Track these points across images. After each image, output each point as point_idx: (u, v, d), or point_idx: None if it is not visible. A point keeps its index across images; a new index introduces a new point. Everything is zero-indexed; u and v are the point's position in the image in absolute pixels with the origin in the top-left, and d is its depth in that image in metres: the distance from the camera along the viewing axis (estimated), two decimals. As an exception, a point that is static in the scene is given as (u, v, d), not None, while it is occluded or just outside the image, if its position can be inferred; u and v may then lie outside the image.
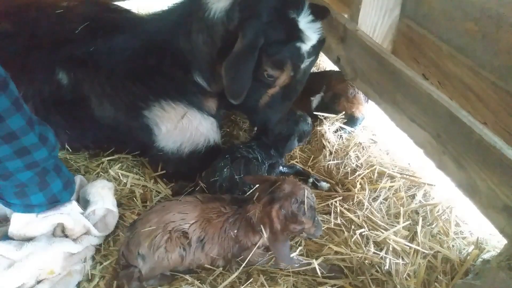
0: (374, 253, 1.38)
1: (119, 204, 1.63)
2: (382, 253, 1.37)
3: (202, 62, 1.58)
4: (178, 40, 1.57)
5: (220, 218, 1.34)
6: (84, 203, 1.56)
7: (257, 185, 1.39)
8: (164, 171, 1.78)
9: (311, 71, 1.70)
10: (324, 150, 1.86)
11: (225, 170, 1.57)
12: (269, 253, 1.38)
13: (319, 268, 1.33)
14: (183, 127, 1.63)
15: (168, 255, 1.28)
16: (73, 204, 1.45)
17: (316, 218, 1.34)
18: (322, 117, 1.99)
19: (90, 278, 1.41)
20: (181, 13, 1.60)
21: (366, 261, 1.36)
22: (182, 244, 1.30)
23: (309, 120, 1.84)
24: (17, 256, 1.30)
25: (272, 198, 1.29)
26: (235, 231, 1.33)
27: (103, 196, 1.54)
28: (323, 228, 1.48)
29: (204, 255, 1.33)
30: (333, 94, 2.07)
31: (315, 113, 2.00)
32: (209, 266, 1.37)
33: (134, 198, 1.68)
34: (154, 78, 1.60)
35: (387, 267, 1.33)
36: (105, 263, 1.45)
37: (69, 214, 1.42)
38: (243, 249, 1.35)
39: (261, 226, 1.29)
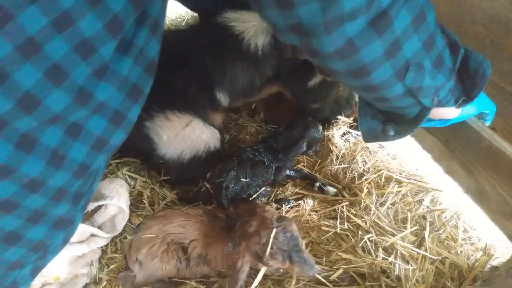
0: (383, 258, 1.37)
1: (127, 207, 1.63)
2: (391, 259, 1.36)
3: (235, 85, 1.63)
4: (204, 61, 1.58)
5: (219, 242, 1.33)
6: (96, 195, 1.56)
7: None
8: (168, 177, 1.79)
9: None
10: (331, 154, 1.86)
11: (231, 172, 1.58)
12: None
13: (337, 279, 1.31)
14: (184, 134, 1.63)
15: (163, 265, 1.29)
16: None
17: (296, 258, 1.20)
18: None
19: (97, 281, 1.42)
20: (207, 36, 1.61)
21: (376, 267, 1.35)
22: (179, 257, 1.30)
23: (320, 127, 1.84)
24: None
25: (241, 234, 1.25)
26: (237, 256, 1.29)
27: (120, 194, 1.55)
28: (330, 234, 1.48)
29: (209, 268, 1.33)
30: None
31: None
32: (216, 279, 1.36)
33: (142, 201, 1.69)
34: (163, 90, 1.61)
35: (396, 272, 1.33)
36: (112, 266, 1.46)
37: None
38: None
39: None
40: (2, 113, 0.58)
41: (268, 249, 1.18)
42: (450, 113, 0.99)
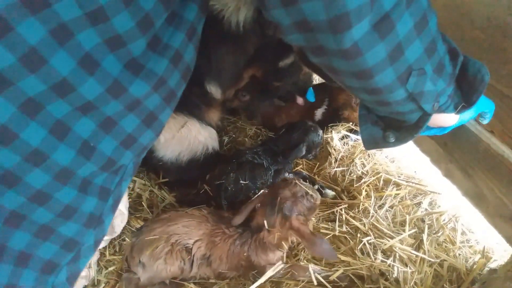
0: (381, 261, 1.37)
1: (125, 209, 1.63)
2: (390, 261, 1.36)
3: (223, 72, 1.57)
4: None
5: (226, 241, 1.34)
6: None
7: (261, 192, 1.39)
8: (166, 179, 1.79)
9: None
10: (329, 157, 1.87)
11: (231, 174, 1.58)
12: (287, 265, 1.36)
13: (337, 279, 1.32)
14: (181, 136, 1.62)
15: (168, 267, 1.29)
16: None
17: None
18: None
19: (96, 283, 1.42)
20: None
21: (375, 269, 1.36)
22: (183, 259, 1.30)
23: (320, 132, 1.85)
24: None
25: (284, 216, 1.28)
26: (245, 254, 1.32)
27: None
28: (329, 236, 1.48)
29: (211, 270, 1.33)
30: (337, 105, 2.07)
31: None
32: (214, 280, 1.36)
33: (141, 203, 1.69)
34: None
35: (395, 275, 1.33)
36: (110, 269, 1.45)
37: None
38: (257, 266, 1.34)
39: (282, 243, 1.28)
40: (37, 94, 0.60)
41: (310, 192, 1.31)
42: (449, 119, 1.00)
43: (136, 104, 0.76)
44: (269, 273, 1.31)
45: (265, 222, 1.31)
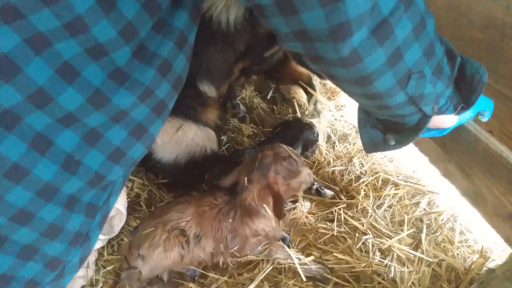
0: (379, 261, 1.37)
1: (124, 209, 1.63)
2: (387, 261, 1.36)
3: (213, 70, 1.56)
4: None
5: (213, 210, 1.35)
6: None
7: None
8: (165, 180, 1.79)
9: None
10: (328, 156, 1.87)
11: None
12: (264, 242, 1.37)
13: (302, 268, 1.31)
14: (178, 139, 1.61)
15: (167, 254, 1.28)
16: None
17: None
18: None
19: (94, 283, 1.41)
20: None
21: (372, 268, 1.36)
22: (180, 243, 1.30)
23: (315, 129, 1.85)
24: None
25: (262, 172, 1.29)
26: (230, 220, 1.32)
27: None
28: (327, 236, 1.48)
29: (202, 250, 1.33)
30: None
31: None
32: (212, 274, 1.36)
33: (139, 203, 1.69)
34: None
35: (392, 274, 1.33)
36: (108, 268, 1.45)
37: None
38: (240, 238, 1.34)
39: (264, 206, 1.28)
40: (13, 105, 0.57)
41: (294, 157, 1.30)
42: (448, 120, 1.00)
43: (122, 115, 0.72)
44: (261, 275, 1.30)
45: (245, 178, 1.32)
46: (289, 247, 1.40)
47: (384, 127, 1.01)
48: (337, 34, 0.64)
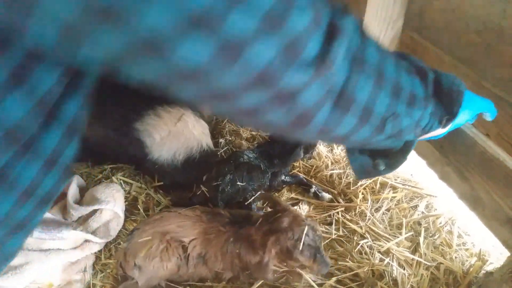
0: (379, 261, 1.37)
1: (121, 212, 1.62)
2: (388, 261, 1.36)
3: None
4: None
5: (220, 238, 1.32)
6: (91, 200, 1.55)
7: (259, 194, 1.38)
8: (162, 183, 1.78)
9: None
10: (326, 159, 1.86)
11: (228, 175, 1.58)
12: (281, 270, 1.34)
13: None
14: (177, 131, 1.62)
15: (164, 264, 1.28)
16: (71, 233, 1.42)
17: (318, 256, 1.25)
18: None
19: (91, 287, 1.41)
20: None
21: (371, 271, 1.36)
22: (179, 255, 1.29)
23: None
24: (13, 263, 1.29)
25: (271, 228, 1.26)
26: (237, 251, 1.30)
27: (115, 198, 1.54)
28: (326, 241, 1.48)
29: (206, 269, 1.32)
30: None
31: None
32: (210, 283, 1.35)
33: (137, 207, 1.68)
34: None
35: (393, 275, 1.33)
36: (105, 272, 1.44)
37: (67, 238, 1.40)
38: (248, 266, 1.33)
39: (262, 250, 1.26)
40: None
41: (301, 245, 1.22)
42: (438, 132, 1.00)
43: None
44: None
45: (260, 219, 1.32)
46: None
47: (371, 152, 1.02)
48: (299, 124, 0.64)
